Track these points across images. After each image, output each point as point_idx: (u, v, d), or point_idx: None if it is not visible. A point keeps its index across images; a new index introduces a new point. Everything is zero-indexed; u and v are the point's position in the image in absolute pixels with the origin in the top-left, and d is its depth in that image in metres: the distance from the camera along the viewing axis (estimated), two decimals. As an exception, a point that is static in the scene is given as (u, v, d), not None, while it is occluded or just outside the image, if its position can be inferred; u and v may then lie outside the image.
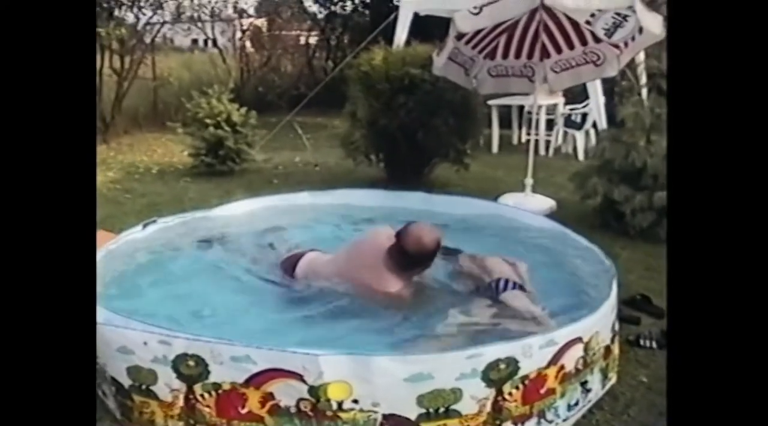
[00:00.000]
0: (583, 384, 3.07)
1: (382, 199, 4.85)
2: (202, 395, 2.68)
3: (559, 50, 6.16)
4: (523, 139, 9.97)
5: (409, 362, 2.57)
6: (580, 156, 8.77)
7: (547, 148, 9.19)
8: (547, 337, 2.80)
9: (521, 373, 2.72)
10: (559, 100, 9.33)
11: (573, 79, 6.28)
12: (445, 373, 2.60)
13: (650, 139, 5.52)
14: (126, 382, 2.84)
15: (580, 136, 8.73)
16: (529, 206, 5.86)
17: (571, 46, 6.08)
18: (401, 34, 8.51)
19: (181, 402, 2.73)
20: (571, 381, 2.96)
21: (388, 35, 8.50)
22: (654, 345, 3.73)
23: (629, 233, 5.35)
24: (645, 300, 4.22)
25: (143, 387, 2.79)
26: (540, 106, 9.34)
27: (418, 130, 6.28)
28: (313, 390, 2.55)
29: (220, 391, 2.65)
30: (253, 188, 6.76)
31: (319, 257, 3.76)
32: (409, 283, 3.49)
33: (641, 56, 6.58)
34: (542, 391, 2.83)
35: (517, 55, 6.31)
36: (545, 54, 6.18)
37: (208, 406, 2.68)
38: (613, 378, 3.31)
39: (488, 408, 2.70)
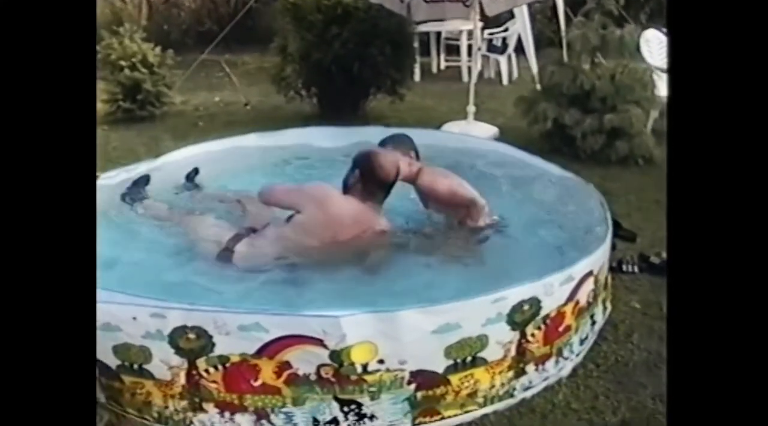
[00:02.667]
0: (592, 317, 3.01)
1: (339, 137, 4.55)
2: (206, 370, 2.43)
3: (494, -28, 5.94)
4: (442, 66, 9.77)
5: (436, 313, 2.41)
6: (504, 81, 8.67)
7: (470, 74, 9.03)
8: (566, 274, 2.69)
9: (543, 312, 2.63)
10: (478, 24, 9.13)
11: (509, 2, 6.10)
12: (471, 321, 2.47)
13: (594, 61, 5.46)
14: (113, 362, 2.53)
15: (503, 60, 8.60)
16: (474, 134, 5.74)
17: (507, -32, 5.88)
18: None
19: (182, 380, 2.46)
20: (583, 315, 2.91)
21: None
22: (635, 269, 3.72)
23: (580, 157, 5.31)
24: (615, 224, 4.18)
25: (135, 366, 2.51)
26: (461, 32, 9.20)
27: (354, 61, 5.95)
28: (335, 354, 2.35)
29: (227, 365, 2.41)
30: (179, 133, 6.26)
31: (260, 236, 3.26)
32: None
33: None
34: (560, 328, 2.76)
35: (452, -21, 6.06)
36: (481, -24, 5.95)
37: (214, 382, 2.44)
38: (609, 307, 3.28)
39: (512, 352, 2.61)
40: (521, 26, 7.67)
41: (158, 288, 2.75)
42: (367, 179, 3.18)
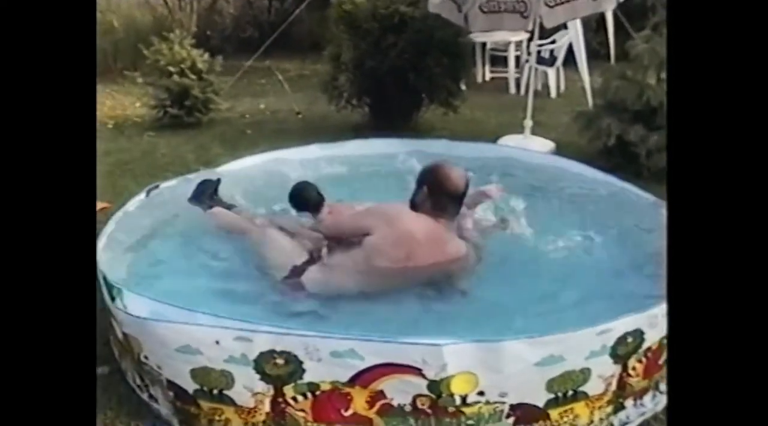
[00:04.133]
0: (687, 348, 2.84)
1: (403, 148, 4.43)
2: (294, 398, 2.29)
3: (553, -17, 5.78)
4: (487, 77, 9.63)
5: (541, 344, 2.25)
6: (553, 94, 8.50)
7: (517, 87, 8.89)
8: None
9: (645, 345, 2.46)
10: (525, 36, 8.98)
11: (568, 14, 5.92)
12: (575, 353, 2.31)
13: (660, 76, 5.26)
14: (190, 386, 2.41)
15: (551, 73, 8.44)
16: (531, 148, 5.59)
17: (566, -21, 5.71)
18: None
19: (266, 407, 2.33)
20: (681, 347, 2.73)
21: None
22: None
23: (643, 175, 5.11)
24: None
25: (214, 391, 2.38)
26: (509, 43, 9.05)
27: (410, 71, 5.83)
28: (433, 385, 2.21)
29: (318, 393, 2.28)
30: (228, 140, 6.20)
31: (331, 262, 3.09)
32: None
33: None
34: (660, 361, 2.58)
35: (510, -11, 5.91)
36: (539, -13, 5.79)
37: (302, 410, 2.30)
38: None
39: (614, 386, 2.45)
40: (574, 38, 7.51)
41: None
42: (436, 193, 2.98)
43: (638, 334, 2.42)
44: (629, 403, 2.53)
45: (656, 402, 2.66)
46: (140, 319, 2.46)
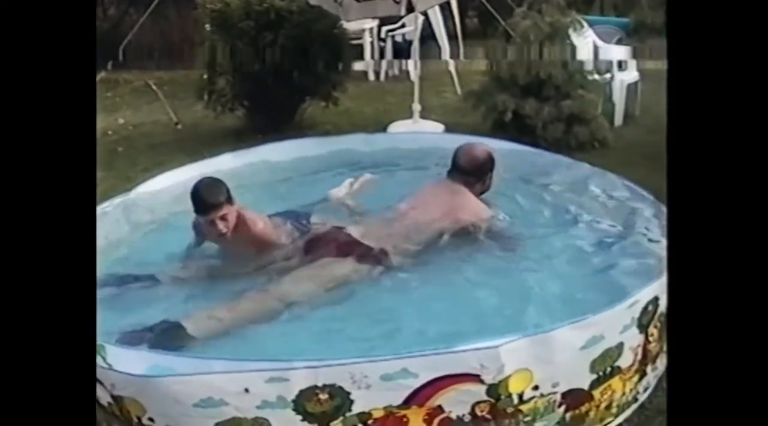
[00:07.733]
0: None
1: (317, 147, 4.26)
2: (343, 432, 2.09)
3: (424, -33, 5.80)
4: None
5: (586, 327, 2.22)
6: (413, 76, 8.55)
7: (377, 73, 8.88)
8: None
9: (659, 310, 2.50)
10: (374, 23, 8.97)
11: (439, -4, 5.98)
12: (612, 330, 2.30)
13: (542, 50, 5.44)
14: (215, 441, 2.12)
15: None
16: (423, 132, 5.62)
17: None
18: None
19: (311, 448, 2.10)
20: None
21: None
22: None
23: (540, 146, 5.27)
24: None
25: (247, 442, 2.11)
26: (363, 30, 8.98)
27: (293, 68, 5.59)
28: (492, 389, 2.11)
29: (370, 422, 2.09)
30: (102, 161, 5.56)
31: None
32: None
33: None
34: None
35: (383, -24, 5.85)
36: (411, -28, 5.80)
37: (354, 444, 2.10)
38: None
39: (639, 355, 2.47)
40: (434, 20, 7.58)
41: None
42: (456, 168, 3.40)
43: (655, 302, 2.45)
44: (649, 369, 2.57)
45: (663, 362, 2.73)
46: (141, 377, 2.13)
